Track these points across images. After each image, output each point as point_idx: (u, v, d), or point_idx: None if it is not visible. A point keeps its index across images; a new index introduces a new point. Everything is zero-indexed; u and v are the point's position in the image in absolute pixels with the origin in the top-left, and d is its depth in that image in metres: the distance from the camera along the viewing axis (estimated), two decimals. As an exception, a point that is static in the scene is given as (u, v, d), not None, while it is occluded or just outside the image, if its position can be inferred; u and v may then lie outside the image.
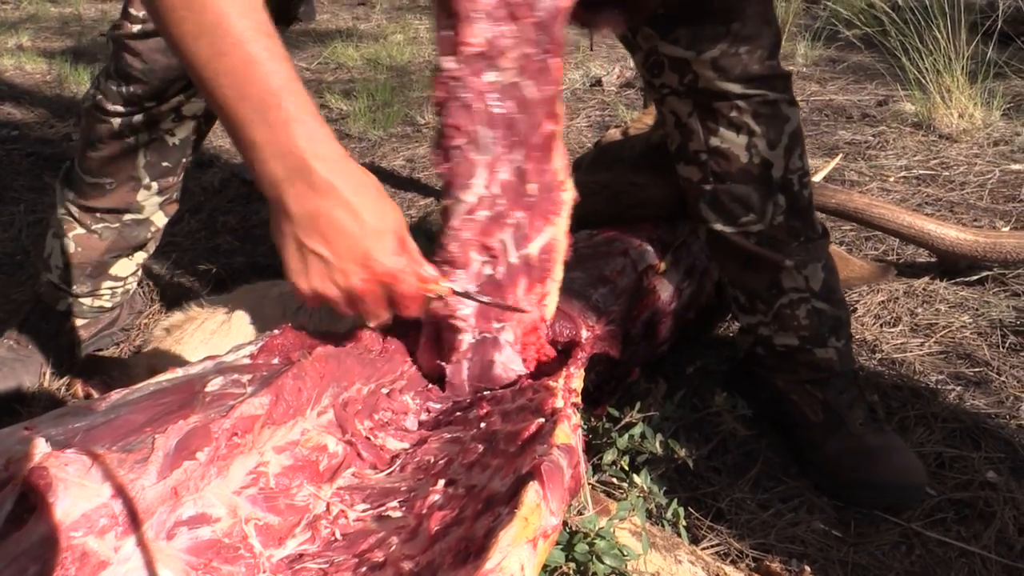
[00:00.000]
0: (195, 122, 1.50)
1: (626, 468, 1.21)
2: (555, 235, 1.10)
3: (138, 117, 1.44)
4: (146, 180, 1.52)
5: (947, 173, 2.41)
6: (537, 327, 1.13)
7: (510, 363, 1.08)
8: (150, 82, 1.40)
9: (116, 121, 1.44)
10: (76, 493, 0.61)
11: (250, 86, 0.79)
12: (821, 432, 1.34)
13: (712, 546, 1.21)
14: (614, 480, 1.20)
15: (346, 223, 0.83)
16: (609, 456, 1.21)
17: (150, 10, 0.81)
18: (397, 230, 0.87)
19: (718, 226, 1.34)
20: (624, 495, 1.14)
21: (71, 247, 1.56)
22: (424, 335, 1.10)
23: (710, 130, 1.29)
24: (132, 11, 1.36)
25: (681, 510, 1.16)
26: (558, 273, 1.12)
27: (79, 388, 1.53)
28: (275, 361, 0.94)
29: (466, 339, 1.06)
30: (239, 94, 0.79)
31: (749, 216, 1.32)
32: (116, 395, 0.80)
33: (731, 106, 1.27)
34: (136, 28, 1.36)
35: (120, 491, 0.63)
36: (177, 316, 1.56)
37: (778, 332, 1.36)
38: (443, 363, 1.08)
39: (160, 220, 1.60)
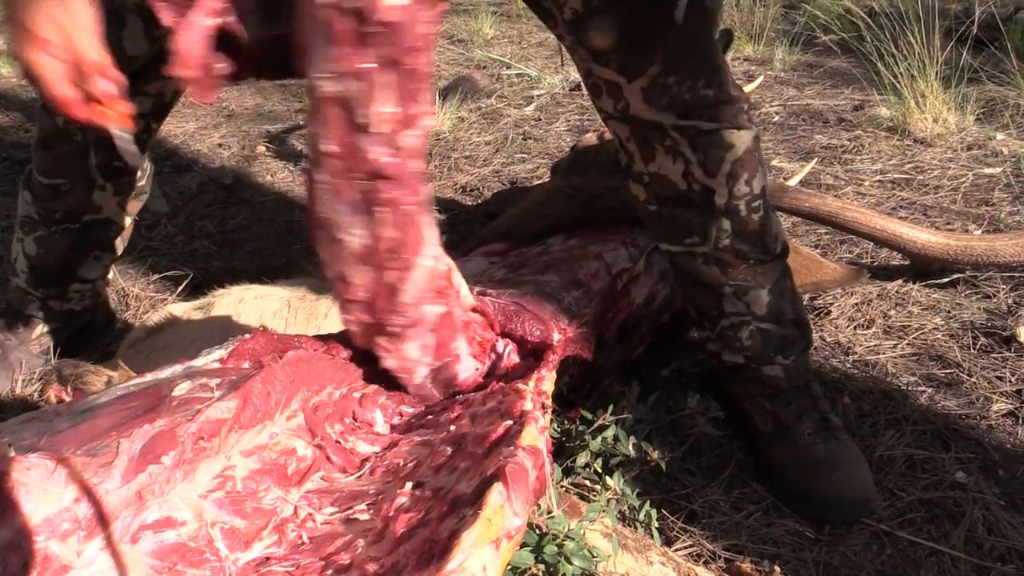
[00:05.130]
0: (144, 121, 1.45)
1: (599, 470, 1.22)
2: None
3: None
4: (100, 181, 1.49)
5: (921, 177, 2.43)
6: (469, 322, 1.13)
7: (468, 367, 1.09)
8: None
9: (60, 119, 1.40)
10: (38, 497, 0.61)
11: None
12: (769, 443, 1.35)
13: (685, 547, 1.21)
14: (587, 482, 1.21)
15: None
16: (582, 458, 1.22)
17: None
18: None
19: (664, 245, 1.34)
20: (597, 497, 1.15)
21: (33, 249, 1.55)
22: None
23: (647, 156, 1.26)
24: None
25: (653, 512, 1.17)
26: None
27: (52, 394, 1.51)
28: (245, 365, 0.94)
29: (420, 372, 1.06)
30: None
31: (692, 239, 1.30)
32: (83, 400, 0.80)
33: (664, 136, 1.23)
34: None
35: (83, 495, 0.63)
36: (152, 321, 1.55)
37: (724, 349, 1.37)
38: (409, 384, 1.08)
39: (123, 219, 1.59)
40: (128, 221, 1.60)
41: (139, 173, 1.55)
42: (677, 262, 1.35)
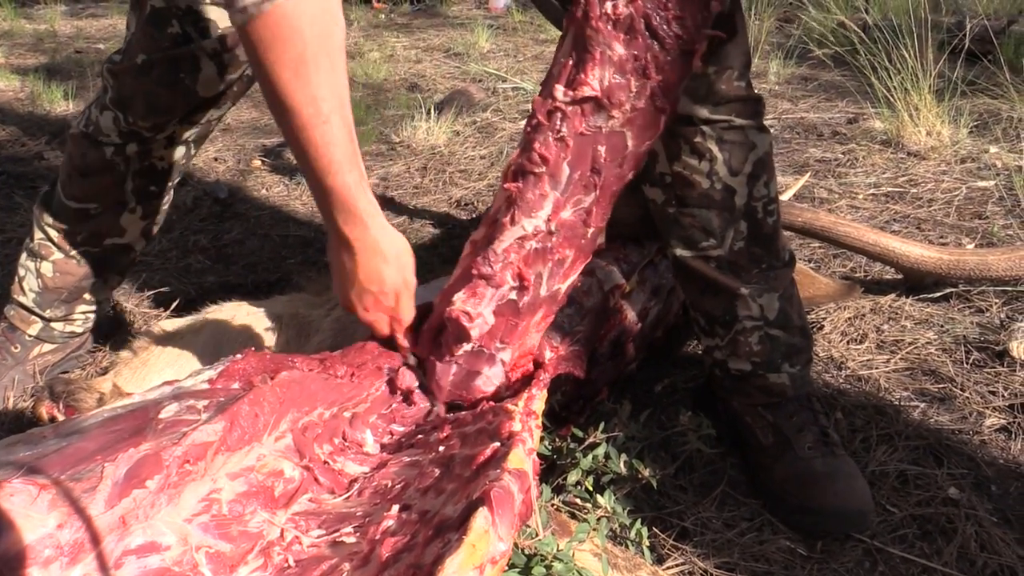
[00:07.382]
0: (186, 147, 1.50)
1: (590, 488, 1.21)
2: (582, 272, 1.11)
3: (132, 146, 1.43)
4: (132, 204, 1.52)
5: (915, 190, 2.44)
6: (532, 351, 1.14)
7: (495, 378, 1.10)
8: (151, 113, 1.38)
9: (109, 150, 1.44)
10: (21, 524, 0.61)
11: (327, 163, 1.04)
12: (769, 455, 1.35)
13: (676, 566, 1.21)
14: (578, 501, 1.20)
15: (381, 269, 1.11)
16: (573, 476, 1.21)
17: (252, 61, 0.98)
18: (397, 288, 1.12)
19: (679, 251, 1.34)
20: (587, 516, 1.14)
21: (49, 272, 1.55)
22: (427, 327, 1.14)
23: (672, 155, 1.26)
24: (133, 46, 1.34)
25: (644, 530, 1.16)
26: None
27: (43, 411, 1.51)
28: (235, 386, 0.94)
29: (464, 346, 1.09)
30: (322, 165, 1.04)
31: (709, 241, 1.30)
32: (71, 421, 0.80)
33: (695, 131, 1.24)
34: (140, 60, 1.33)
35: (66, 521, 0.62)
36: (145, 337, 1.55)
37: (731, 356, 1.36)
38: (434, 360, 1.11)
39: (140, 244, 1.60)
40: (142, 247, 1.61)
41: (165, 198, 1.57)
42: (689, 267, 1.34)
